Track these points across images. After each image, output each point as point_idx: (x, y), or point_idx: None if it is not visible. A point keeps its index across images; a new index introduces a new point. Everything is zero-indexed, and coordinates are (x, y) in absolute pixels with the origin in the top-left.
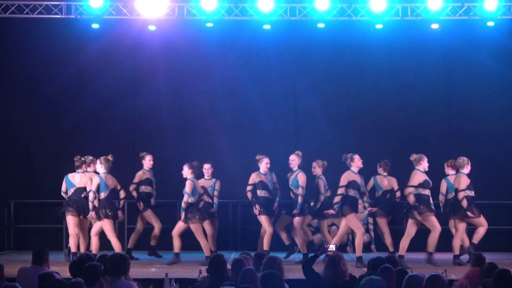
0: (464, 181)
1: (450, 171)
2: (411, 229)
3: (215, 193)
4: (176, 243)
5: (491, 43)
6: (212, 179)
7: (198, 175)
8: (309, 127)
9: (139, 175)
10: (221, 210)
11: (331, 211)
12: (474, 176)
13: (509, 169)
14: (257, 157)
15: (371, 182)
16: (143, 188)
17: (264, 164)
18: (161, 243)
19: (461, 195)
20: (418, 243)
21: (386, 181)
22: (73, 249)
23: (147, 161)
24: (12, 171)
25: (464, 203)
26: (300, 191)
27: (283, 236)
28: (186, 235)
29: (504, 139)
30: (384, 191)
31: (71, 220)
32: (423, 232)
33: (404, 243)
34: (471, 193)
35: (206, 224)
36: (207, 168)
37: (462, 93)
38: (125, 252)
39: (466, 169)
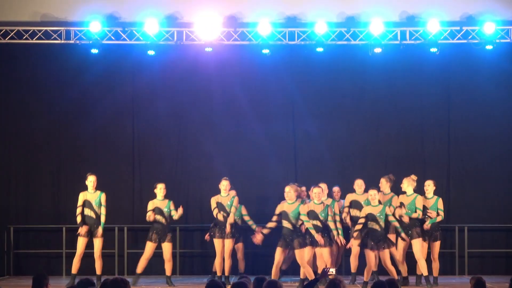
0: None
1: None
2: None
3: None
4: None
5: (490, 66)
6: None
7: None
8: (307, 150)
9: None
10: None
11: None
12: (473, 199)
13: (509, 192)
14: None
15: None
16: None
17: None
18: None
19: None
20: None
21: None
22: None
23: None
24: (11, 196)
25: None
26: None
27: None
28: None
29: (503, 162)
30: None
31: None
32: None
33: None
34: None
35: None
36: (161, 187)
37: (460, 116)
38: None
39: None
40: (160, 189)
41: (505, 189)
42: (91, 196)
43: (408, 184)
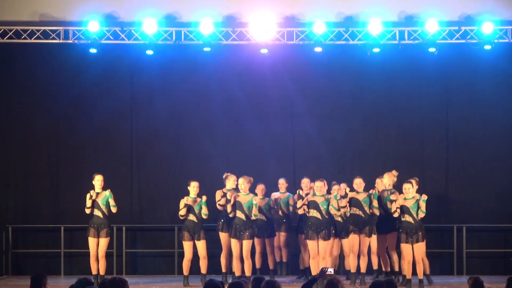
0: None
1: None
2: None
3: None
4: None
5: (488, 66)
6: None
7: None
8: (306, 149)
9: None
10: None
11: None
12: (472, 199)
13: (508, 192)
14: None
15: None
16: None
17: None
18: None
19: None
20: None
21: None
22: None
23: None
24: (10, 196)
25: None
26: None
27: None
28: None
29: (502, 162)
30: None
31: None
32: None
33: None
34: None
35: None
36: (194, 185)
37: (459, 116)
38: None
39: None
40: (193, 187)
41: (504, 189)
42: (99, 196)
43: (388, 179)
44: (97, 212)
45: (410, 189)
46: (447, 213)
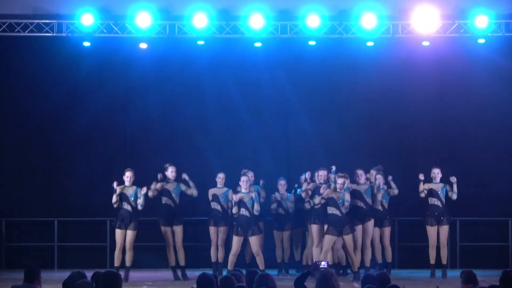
0: None
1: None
2: None
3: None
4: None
5: (482, 60)
6: (224, 188)
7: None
8: (300, 143)
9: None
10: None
11: None
12: (466, 194)
13: (501, 186)
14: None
15: None
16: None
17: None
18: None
19: None
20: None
21: None
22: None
23: (169, 173)
24: (4, 189)
25: None
26: None
27: None
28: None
29: (496, 155)
30: None
31: None
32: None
33: None
34: None
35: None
36: (221, 177)
37: (453, 110)
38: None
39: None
40: (220, 178)
41: (497, 182)
42: (127, 190)
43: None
44: (125, 205)
45: (439, 173)
46: None
